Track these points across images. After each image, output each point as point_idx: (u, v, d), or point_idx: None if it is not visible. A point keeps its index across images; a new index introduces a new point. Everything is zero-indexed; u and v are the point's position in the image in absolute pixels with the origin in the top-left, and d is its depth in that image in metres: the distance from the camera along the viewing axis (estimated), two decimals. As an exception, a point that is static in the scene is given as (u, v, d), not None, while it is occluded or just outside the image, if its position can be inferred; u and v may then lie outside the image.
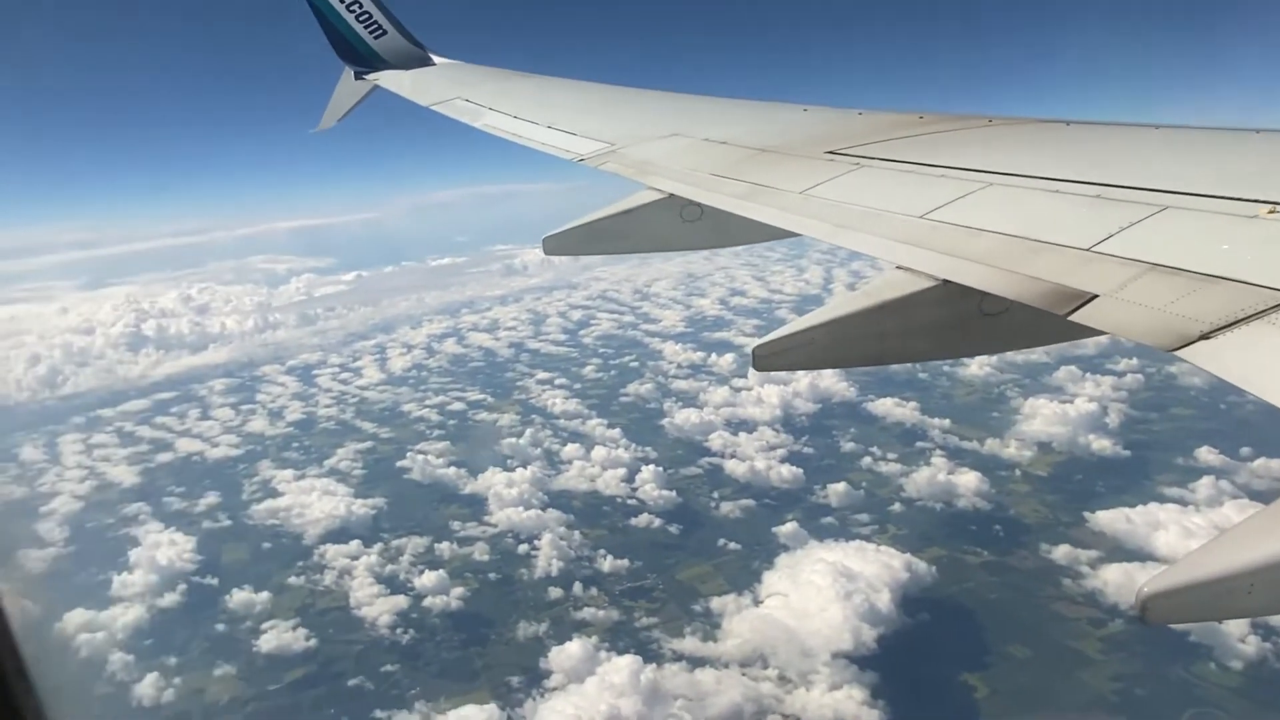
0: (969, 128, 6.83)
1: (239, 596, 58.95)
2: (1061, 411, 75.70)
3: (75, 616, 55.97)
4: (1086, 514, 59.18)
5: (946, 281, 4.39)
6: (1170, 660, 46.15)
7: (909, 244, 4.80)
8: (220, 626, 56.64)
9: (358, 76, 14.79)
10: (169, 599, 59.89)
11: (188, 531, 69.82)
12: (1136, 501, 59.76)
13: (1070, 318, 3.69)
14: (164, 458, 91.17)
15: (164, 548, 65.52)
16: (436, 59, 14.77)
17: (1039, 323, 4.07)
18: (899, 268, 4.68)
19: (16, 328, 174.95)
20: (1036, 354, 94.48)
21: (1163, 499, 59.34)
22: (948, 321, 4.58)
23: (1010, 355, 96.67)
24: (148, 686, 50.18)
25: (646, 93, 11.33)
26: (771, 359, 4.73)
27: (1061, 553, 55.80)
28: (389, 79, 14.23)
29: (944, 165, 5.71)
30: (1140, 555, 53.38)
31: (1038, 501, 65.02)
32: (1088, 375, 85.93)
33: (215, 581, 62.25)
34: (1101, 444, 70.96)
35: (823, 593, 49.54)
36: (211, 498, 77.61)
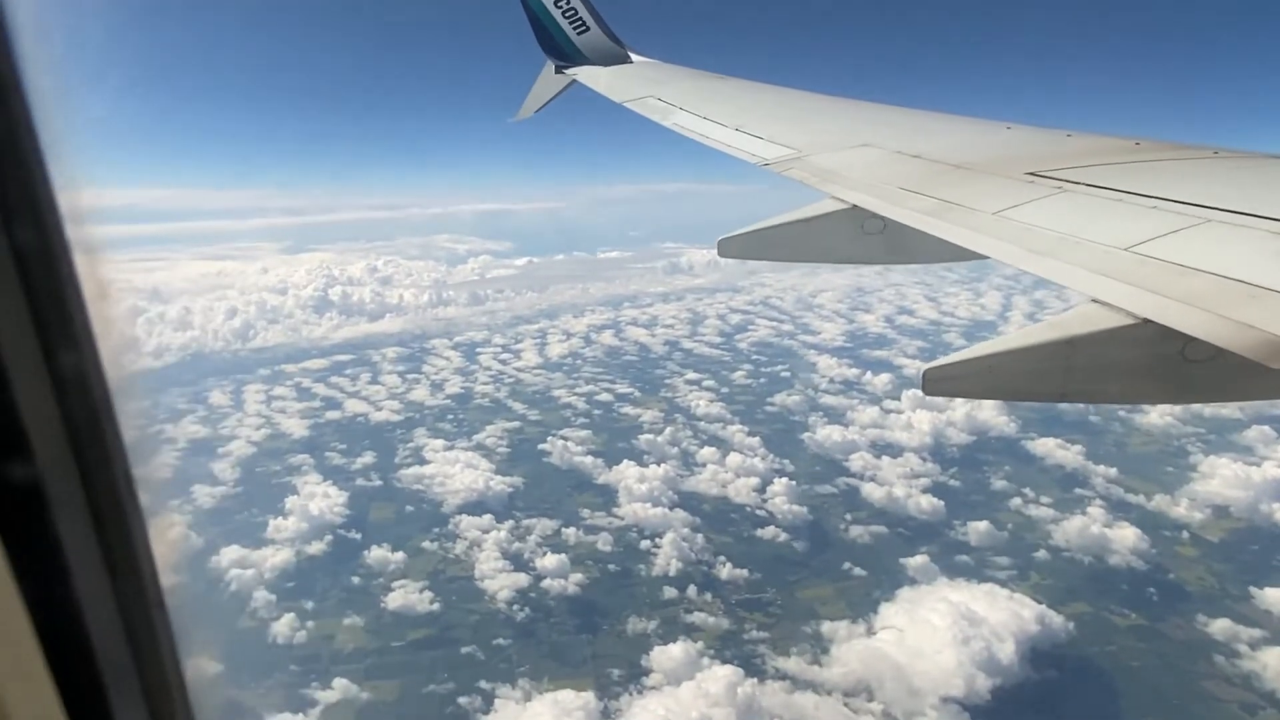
0: (1189, 158, 6.36)
1: (376, 553, 62.44)
2: (1245, 474, 68.77)
3: (231, 552, 61.17)
4: (1254, 589, 53.65)
5: (1148, 321, 4.06)
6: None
7: (1109, 277, 4.47)
8: (356, 579, 60.17)
9: (558, 70, 15.24)
10: (315, 547, 64.17)
11: (342, 486, 74.59)
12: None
13: None
14: (332, 415, 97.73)
15: (318, 499, 70.28)
16: (635, 57, 14.98)
17: (1248, 375, 3.79)
18: (1094, 301, 4.39)
19: (222, 282, 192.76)
20: (1229, 408, 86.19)
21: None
22: (1144, 364, 4.26)
23: (1198, 406, 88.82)
24: (284, 626, 53.95)
25: (839, 100, 11.15)
26: (943, 384, 4.52)
27: (1220, 627, 50.78)
28: (587, 74, 14.57)
29: (1157, 196, 5.31)
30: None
31: (1204, 569, 59.44)
32: (1284, 439, 77.72)
33: (359, 536, 66.18)
34: (1287, 516, 64.00)
35: (939, 633, 47.22)
36: (368, 457, 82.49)
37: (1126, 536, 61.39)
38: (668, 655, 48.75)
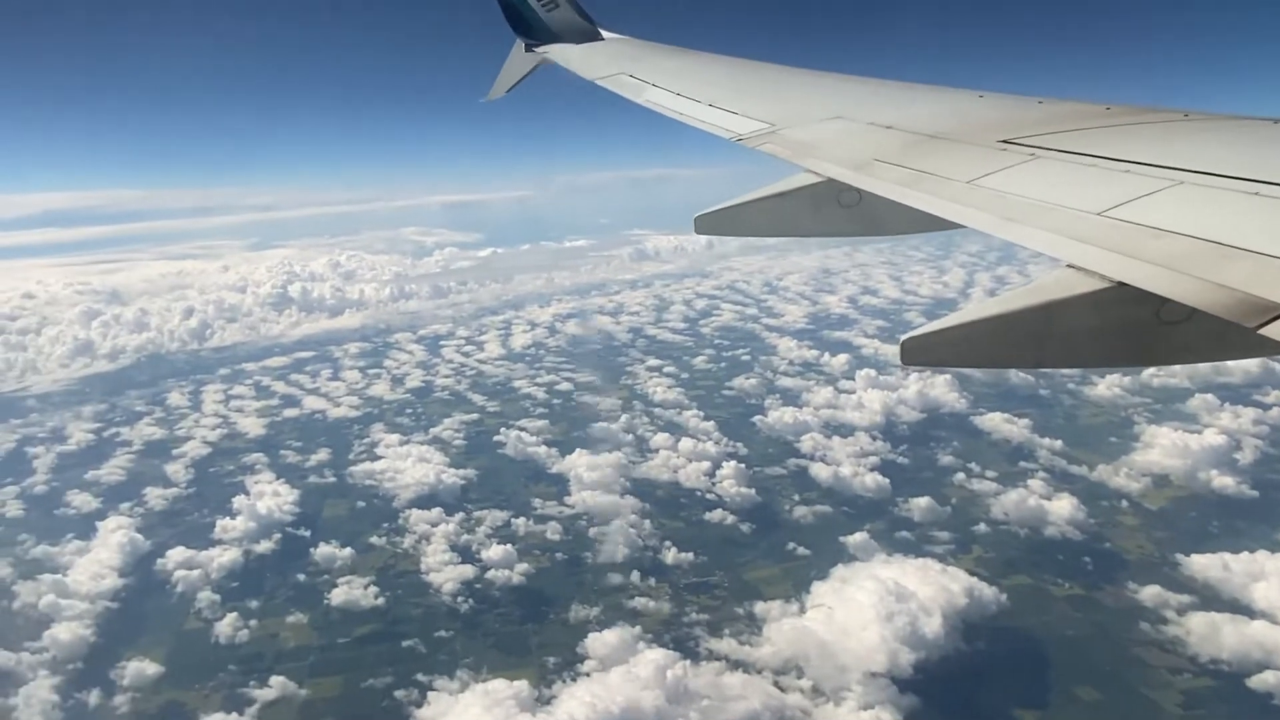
0: (1160, 121, 6.34)
1: (324, 550, 62.19)
2: (1184, 442, 69.74)
3: (177, 554, 61.12)
4: (1182, 556, 54.63)
5: (1122, 284, 4.06)
6: (1252, 725, 42.19)
7: (1083, 241, 4.47)
8: (302, 577, 60.02)
9: (528, 49, 15.12)
10: (264, 546, 63.88)
11: (295, 484, 74.43)
12: (1254, 548, 54.55)
13: (1260, 331, 3.33)
14: (290, 412, 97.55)
15: (267, 498, 70.07)
16: (605, 34, 14.84)
17: (1222, 335, 3.81)
18: (1069, 266, 4.38)
19: (181, 281, 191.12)
20: (1176, 378, 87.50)
21: (1277, 548, 53.86)
22: (1119, 327, 4.24)
23: (1145, 378, 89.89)
24: (226, 625, 53.74)
25: (812, 73, 10.92)
26: (921, 353, 4.48)
27: (1150, 594, 51.72)
28: (558, 52, 14.42)
29: (1129, 160, 5.30)
30: (1235, 606, 48.95)
31: (1144, 537, 60.39)
32: (1226, 405, 78.85)
33: (308, 534, 66.09)
34: (1224, 481, 64.97)
35: (865, 610, 47.88)
36: (322, 454, 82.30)
37: (1062, 508, 62.16)
38: (602, 641, 49.09)
